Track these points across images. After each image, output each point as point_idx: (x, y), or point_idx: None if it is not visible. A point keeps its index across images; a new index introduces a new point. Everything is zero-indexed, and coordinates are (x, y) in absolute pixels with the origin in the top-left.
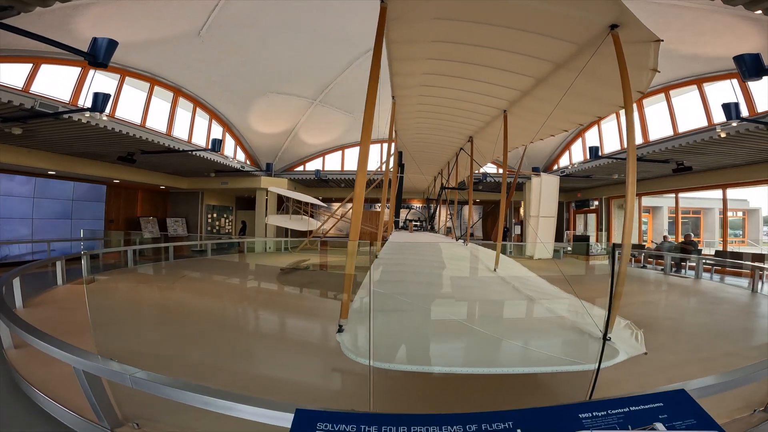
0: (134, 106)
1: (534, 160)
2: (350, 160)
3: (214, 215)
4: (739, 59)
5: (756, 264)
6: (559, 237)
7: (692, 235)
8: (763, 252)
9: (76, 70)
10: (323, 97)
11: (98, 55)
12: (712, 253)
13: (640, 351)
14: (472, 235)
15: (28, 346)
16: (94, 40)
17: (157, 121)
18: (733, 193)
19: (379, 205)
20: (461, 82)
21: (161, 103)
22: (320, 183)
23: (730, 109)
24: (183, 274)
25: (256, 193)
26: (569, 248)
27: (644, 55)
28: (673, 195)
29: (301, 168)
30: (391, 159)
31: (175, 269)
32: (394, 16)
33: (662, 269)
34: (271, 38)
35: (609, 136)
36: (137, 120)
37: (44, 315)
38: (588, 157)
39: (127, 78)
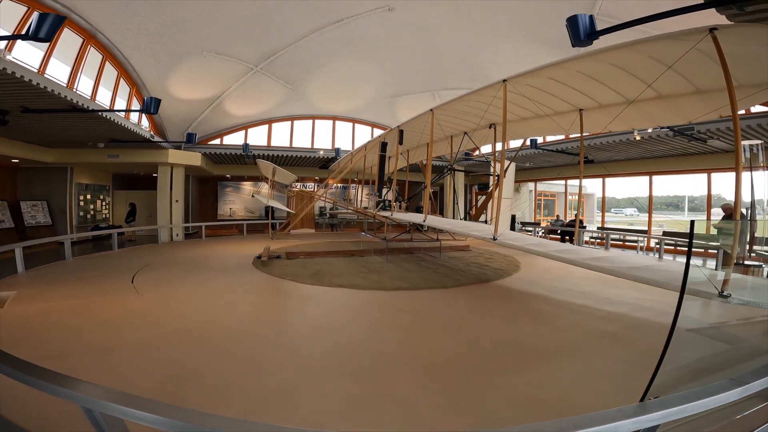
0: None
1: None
2: (279, 135)
3: (88, 197)
4: None
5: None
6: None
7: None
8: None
9: None
10: (267, 65)
11: None
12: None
13: None
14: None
15: None
16: None
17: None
18: (574, 181)
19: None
20: (586, 82)
21: (59, 65)
22: (234, 159)
23: None
24: (132, 275)
25: (158, 169)
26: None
27: None
28: (563, 182)
29: (217, 141)
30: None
31: (89, 270)
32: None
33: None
34: None
35: None
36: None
37: None
38: (509, 146)
39: (34, 14)
